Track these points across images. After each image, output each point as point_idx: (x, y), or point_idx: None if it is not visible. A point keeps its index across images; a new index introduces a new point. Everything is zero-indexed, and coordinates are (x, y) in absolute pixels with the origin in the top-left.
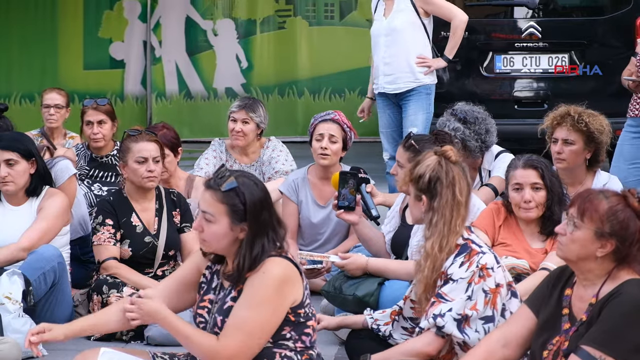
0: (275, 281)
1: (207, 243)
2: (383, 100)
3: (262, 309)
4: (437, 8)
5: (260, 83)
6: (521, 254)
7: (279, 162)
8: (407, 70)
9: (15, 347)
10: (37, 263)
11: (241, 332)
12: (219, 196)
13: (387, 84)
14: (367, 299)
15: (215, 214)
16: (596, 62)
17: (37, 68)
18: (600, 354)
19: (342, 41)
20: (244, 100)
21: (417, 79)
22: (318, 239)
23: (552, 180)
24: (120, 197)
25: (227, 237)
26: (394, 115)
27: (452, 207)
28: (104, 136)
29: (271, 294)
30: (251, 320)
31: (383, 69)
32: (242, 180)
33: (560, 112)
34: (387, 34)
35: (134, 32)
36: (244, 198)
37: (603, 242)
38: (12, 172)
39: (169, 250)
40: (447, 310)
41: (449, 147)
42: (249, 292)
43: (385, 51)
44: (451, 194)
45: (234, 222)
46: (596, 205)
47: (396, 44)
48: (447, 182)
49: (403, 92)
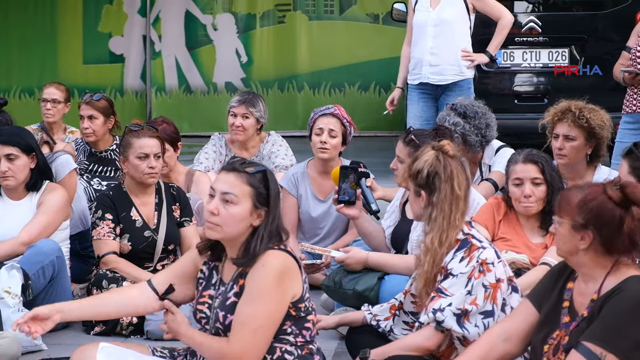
0: (276, 273)
1: (219, 228)
2: (420, 91)
3: (266, 302)
4: (488, 6)
5: (260, 77)
6: (521, 249)
7: (279, 157)
8: (453, 62)
9: (15, 342)
10: (36, 257)
11: (248, 328)
12: (245, 178)
13: (432, 74)
14: (367, 293)
15: (240, 195)
16: (596, 57)
17: (37, 63)
18: (601, 350)
19: (341, 36)
20: (243, 95)
21: (462, 72)
22: (318, 233)
23: (552, 175)
24: (120, 192)
25: (244, 221)
26: (427, 108)
27: (451, 201)
28: (94, 131)
29: (273, 286)
30: (256, 315)
31: (429, 59)
32: (260, 165)
33: (561, 108)
34: (436, 25)
35: (134, 27)
36: (268, 183)
37: (582, 234)
38: (13, 167)
39: (168, 244)
40: (447, 305)
41: (446, 142)
42: (250, 287)
43: (433, 41)
44: (450, 189)
45: (256, 206)
46: (569, 198)
47: (445, 35)
48: (445, 176)
49: (447, 85)
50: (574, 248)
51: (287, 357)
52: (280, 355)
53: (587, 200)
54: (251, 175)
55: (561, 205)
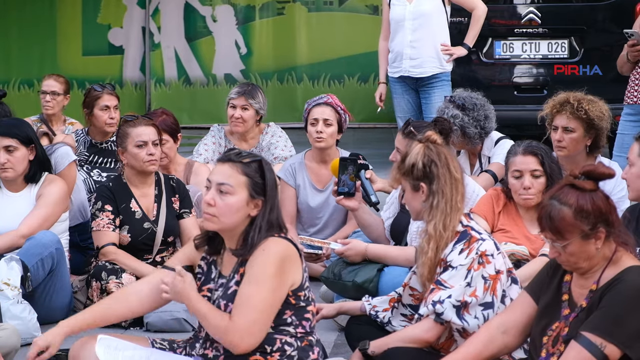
0: (276, 257)
1: (216, 219)
2: (402, 85)
3: (266, 284)
4: None
5: (260, 69)
6: (520, 240)
7: (278, 148)
8: (433, 55)
9: (14, 333)
10: (35, 249)
11: (248, 308)
12: (241, 168)
13: (412, 67)
14: (366, 285)
15: (235, 185)
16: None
17: (36, 54)
18: (601, 340)
19: (341, 27)
20: (243, 86)
21: (442, 65)
22: (316, 223)
23: (551, 167)
24: (120, 183)
25: (241, 211)
26: (412, 101)
27: (451, 185)
28: (117, 121)
29: (273, 270)
30: (256, 295)
31: (409, 52)
32: (257, 155)
33: (559, 100)
34: (415, 18)
35: (133, 18)
36: (264, 173)
37: (594, 236)
38: (11, 159)
39: (167, 236)
40: (446, 297)
41: (431, 132)
42: (251, 270)
43: (412, 35)
44: (448, 173)
45: (252, 195)
46: (561, 217)
47: (424, 28)
48: (441, 162)
49: (426, 77)
50: (591, 253)
51: (287, 349)
52: (280, 347)
53: (579, 206)
54: (246, 165)
55: (559, 229)
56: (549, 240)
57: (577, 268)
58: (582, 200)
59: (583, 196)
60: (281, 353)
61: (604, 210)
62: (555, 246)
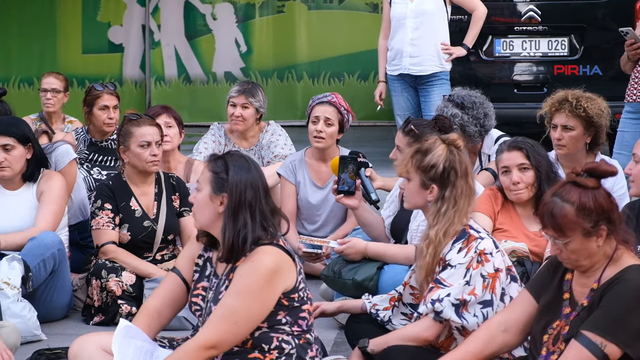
0: (266, 271)
1: (195, 216)
2: (401, 83)
3: (251, 298)
4: None
5: (260, 67)
6: (520, 239)
7: (278, 147)
8: (434, 53)
9: (14, 331)
10: (37, 250)
11: (226, 321)
12: (208, 165)
13: (412, 65)
14: (366, 283)
15: (202, 181)
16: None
17: (36, 52)
18: (602, 340)
19: (341, 25)
20: (243, 84)
21: (442, 64)
22: (316, 220)
23: (537, 159)
24: (120, 182)
25: (208, 207)
26: (411, 99)
27: (467, 196)
28: (117, 121)
29: (261, 284)
30: (238, 310)
31: (410, 50)
32: (234, 155)
33: (558, 98)
34: (416, 17)
35: (133, 16)
36: (227, 168)
37: (596, 234)
38: (9, 157)
39: (168, 234)
40: (445, 296)
41: (456, 136)
42: (237, 281)
43: (413, 33)
44: (465, 183)
45: (214, 191)
46: (563, 214)
47: (425, 26)
48: (461, 172)
49: (426, 76)
50: (592, 251)
51: (285, 347)
52: (278, 345)
53: (581, 204)
54: (214, 162)
55: (561, 226)
56: (551, 238)
57: (578, 266)
58: (584, 197)
59: (585, 194)
60: (279, 351)
61: (606, 208)
62: (556, 243)
